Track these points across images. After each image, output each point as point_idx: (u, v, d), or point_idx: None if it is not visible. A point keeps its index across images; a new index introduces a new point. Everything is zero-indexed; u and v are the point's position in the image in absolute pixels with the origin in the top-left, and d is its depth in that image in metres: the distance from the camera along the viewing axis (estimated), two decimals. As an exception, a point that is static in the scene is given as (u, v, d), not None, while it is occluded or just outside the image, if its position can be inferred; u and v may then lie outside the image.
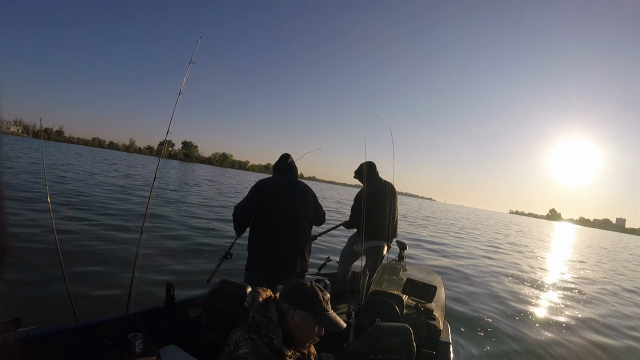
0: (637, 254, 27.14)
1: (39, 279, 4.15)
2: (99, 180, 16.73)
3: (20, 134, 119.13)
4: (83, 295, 3.91)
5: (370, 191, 3.36)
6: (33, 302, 3.67)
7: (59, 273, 1.94)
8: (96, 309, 3.68)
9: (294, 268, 2.51)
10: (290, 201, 2.59)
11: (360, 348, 1.88)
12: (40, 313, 3.46)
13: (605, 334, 5.81)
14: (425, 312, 2.63)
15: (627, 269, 15.93)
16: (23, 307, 3.55)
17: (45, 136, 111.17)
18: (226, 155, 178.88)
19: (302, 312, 1.35)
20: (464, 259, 11.10)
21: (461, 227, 25.05)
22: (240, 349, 1.29)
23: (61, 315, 3.10)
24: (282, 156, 2.81)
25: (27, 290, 3.88)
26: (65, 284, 1.90)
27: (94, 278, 4.56)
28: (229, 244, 3.08)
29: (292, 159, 2.82)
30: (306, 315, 1.35)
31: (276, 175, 2.75)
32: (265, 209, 2.56)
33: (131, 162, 46.54)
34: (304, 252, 2.58)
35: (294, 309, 1.35)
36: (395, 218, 3.66)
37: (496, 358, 4.26)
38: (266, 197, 2.58)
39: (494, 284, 8.20)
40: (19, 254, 4.81)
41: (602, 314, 7.00)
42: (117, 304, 3.70)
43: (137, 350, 1.98)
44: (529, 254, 15.66)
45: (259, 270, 2.53)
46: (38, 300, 3.72)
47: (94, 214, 8.53)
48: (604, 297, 8.67)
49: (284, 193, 2.62)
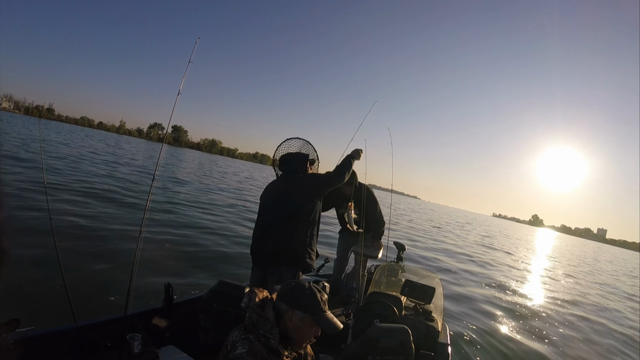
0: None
1: (37, 279, 4.14)
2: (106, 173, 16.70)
3: (12, 110, 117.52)
4: (81, 295, 3.90)
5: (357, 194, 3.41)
6: (31, 302, 3.67)
7: (57, 273, 1.93)
8: (95, 310, 3.68)
9: (277, 260, 2.51)
10: (275, 201, 2.63)
11: (358, 349, 1.88)
12: (38, 313, 3.45)
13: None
14: (424, 313, 2.63)
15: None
16: (21, 307, 3.54)
17: (36, 113, 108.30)
18: (215, 141, 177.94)
19: (300, 313, 1.35)
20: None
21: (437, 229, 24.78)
22: (237, 349, 1.29)
23: (59, 315, 3.09)
24: (281, 157, 2.78)
25: (26, 290, 3.87)
26: (63, 284, 1.90)
27: (93, 278, 4.55)
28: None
29: (292, 154, 2.75)
30: (304, 316, 1.36)
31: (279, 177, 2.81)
32: (259, 210, 2.75)
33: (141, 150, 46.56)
34: (288, 246, 2.52)
35: (293, 309, 1.36)
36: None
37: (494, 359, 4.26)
38: (261, 200, 2.76)
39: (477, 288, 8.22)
40: (16, 253, 4.80)
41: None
42: (115, 305, 3.70)
43: (136, 351, 1.98)
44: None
45: (253, 263, 2.70)
46: (36, 300, 3.72)
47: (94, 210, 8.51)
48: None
49: (272, 193, 2.70)
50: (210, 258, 6.40)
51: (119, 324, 2.14)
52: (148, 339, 2.10)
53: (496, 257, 14.32)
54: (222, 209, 12.06)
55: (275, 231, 2.53)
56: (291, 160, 2.73)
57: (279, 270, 2.50)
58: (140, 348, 2.00)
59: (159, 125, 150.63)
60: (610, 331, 6.70)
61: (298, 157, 2.73)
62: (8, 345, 1.66)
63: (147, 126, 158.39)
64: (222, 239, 7.85)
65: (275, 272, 2.51)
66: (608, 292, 12.14)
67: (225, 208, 12.44)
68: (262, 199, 2.75)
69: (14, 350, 1.70)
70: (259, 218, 2.69)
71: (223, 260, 6.37)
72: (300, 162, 2.70)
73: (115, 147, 37.13)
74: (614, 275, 19.47)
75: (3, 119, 45.98)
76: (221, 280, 2.32)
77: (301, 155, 2.75)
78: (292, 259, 2.52)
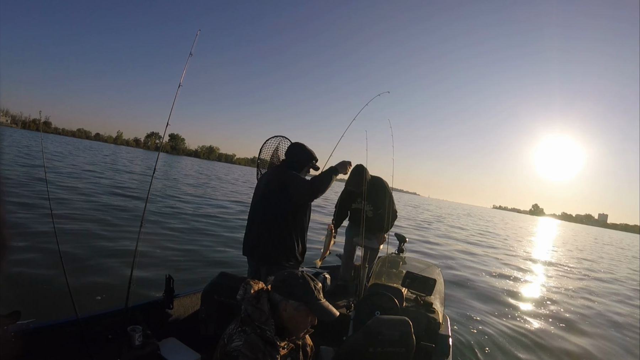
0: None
1: (38, 271, 4.15)
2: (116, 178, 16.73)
3: (9, 125, 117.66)
4: (82, 287, 3.91)
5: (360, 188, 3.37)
6: (32, 295, 3.68)
7: (58, 265, 1.93)
8: (95, 302, 3.70)
9: (261, 252, 2.46)
10: (259, 193, 2.56)
11: (359, 341, 1.88)
12: (39, 306, 3.47)
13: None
14: (425, 305, 2.63)
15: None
16: (22, 300, 3.56)
17: (33, 127, 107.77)
18: (213, 148, 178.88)
19: (294, 302, 1.35)
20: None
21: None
22: (233, 342, 1.29)
23: (60, 307, 3.10)
24: (291, 145, 2.69)
25: (26, 282, 3.88)
26: (64, 277, 1.89)
27: (94, 271, 4.57)
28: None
29: (300, 149, 2.61)
30: (299, 305, 1.35)
31: None
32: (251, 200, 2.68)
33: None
34: (265, 239, 2.44)
35: (286, 299, 1.35)
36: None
37: (495, 350, 4.28)
38: (254, 191, 2.67)
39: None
40: (17, 246, 4.82)
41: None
42: (116, 297, 3.71)
43: (137, 343, 1.99)
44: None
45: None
46: (37, 292, 3.73)
47: (94, 208, 8.54)
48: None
49: (259, 185, 2.62)
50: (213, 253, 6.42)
51: (119, 316, 2.15)
52: (149, 331, 2.10)
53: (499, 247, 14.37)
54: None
55: (257, 226, 2.48)
56: (294, 153, 2.59)
57: (258, 266, 2.47)
58: (141, 340, 2.00)
59: (156, 134, 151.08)
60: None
61: (301, 155, 2.57)
62: (9, 337, 1.67)
63: (145, 135, 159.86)
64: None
65: (261, 267, 2.48)
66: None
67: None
68: (255, 189, 2.67)
69: (15, 342, 1.70)
70: (250, 210, 2.63)
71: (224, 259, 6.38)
72: (300, 161, 2.55)
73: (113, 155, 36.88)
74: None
75: (4, 133, 46.22)
76: (222, 272, 2.32)
77: (306, 155, 2.58)
78: (265, 257, 2.43)
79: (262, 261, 2.46)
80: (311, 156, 2.59)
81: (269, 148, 2.85)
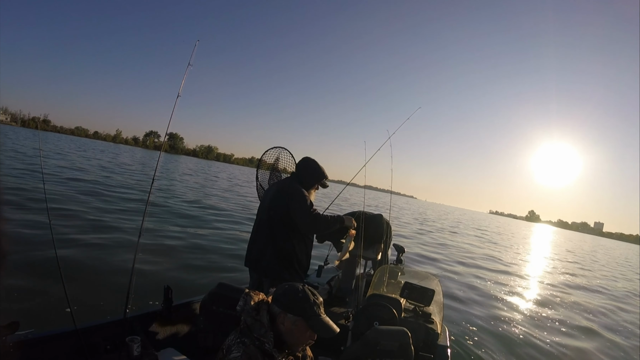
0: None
1: (36, 281, 4.13)
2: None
3: (8, 123, 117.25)
4: (81, 298, 3.89)
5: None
6: (31, 305, 3.66)
7: (56, 276, 1.93)
8: (94, 312, 3.67)
9: (265, 265, 2.47)
10: (265, 204, 2.57)
11: (358, 351, 1.88)
12: (38, 316, 3.45)
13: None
14: (424, 315, 2.63)
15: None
16: (21, 310, 3.53)
17: (32, 125, 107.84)
18: (211, 147, 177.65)
19: (292, 316, 1.34)
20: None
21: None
22: (232, 353, 1.29)
23: (59, 318, 3.09)
24: (302, 159, 2.68)
25: (25, 293, 3.86)
26: (63, 287, 1.90)
27: (92, 281, 4.55)
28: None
29: (302, 162, 2.62)
30: (297, 320, 1.34)
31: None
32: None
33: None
34: (270, 251, 2.46)
35: (285, 312, 1.34)
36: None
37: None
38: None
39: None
40: (16, 256, 4.79)
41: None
42: (115, 307, 3.69)
43: (135, 354, 1.98)
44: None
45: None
46: (36, 303, 3.71)
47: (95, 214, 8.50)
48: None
49: (266, 197, 2.63)
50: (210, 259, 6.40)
51: (118, 326, 2.15)
52: (147, 341, 2.10)
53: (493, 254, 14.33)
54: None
55: (262, 238, 2.49)
56: (306, 169, 2.57)
57: (260, 278, 2.50)
58: (140, 351, 1.99)
59: (154, 133, 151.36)
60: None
61: (313, 172, 2.56)
62: (7, 347, 1.67)
63: (143, 134, 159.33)
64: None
65: (264, 279, 2.49)
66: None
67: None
68: (261, 200, 2.69)
69: (13, 352, 1.70)
70: (255, 220, 2.64)
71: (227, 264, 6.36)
72: (312, 177, 2.53)
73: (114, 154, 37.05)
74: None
75: (3, 131, 46.26)
76: (220, 283, 2.32)
77: (319, 173, 2.56)
78: (269, 270, 2.44)
79: (265, 274, 2.47)
80: (323, 175, 2.58)
81: (270, 158, 2.87)
